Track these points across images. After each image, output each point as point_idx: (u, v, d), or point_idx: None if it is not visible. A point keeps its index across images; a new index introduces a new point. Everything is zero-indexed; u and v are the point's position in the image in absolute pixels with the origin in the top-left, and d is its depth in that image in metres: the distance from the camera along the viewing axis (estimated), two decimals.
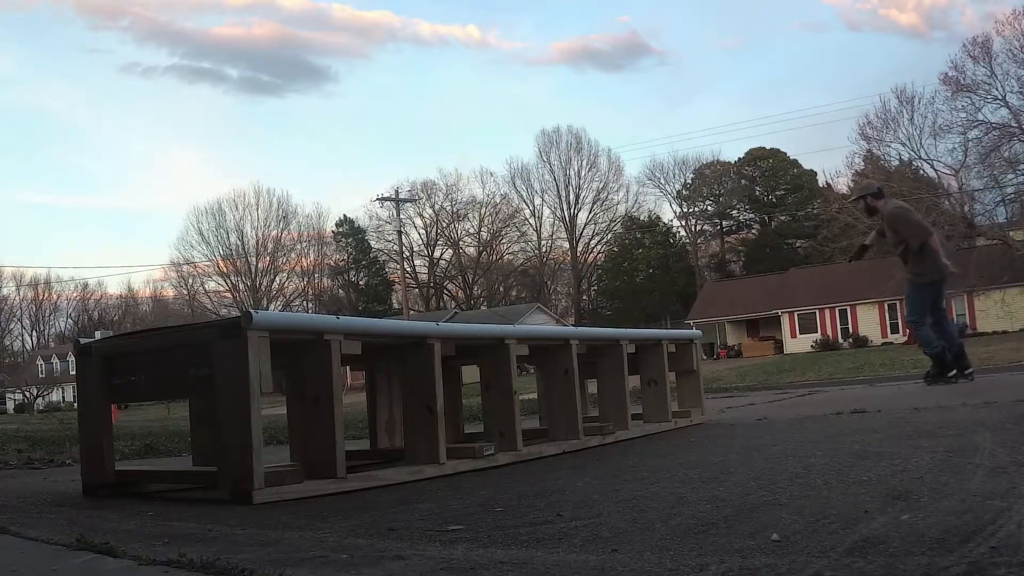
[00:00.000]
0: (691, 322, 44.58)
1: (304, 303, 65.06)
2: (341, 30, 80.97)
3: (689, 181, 64.44)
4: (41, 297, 75.21)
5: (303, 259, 66.28)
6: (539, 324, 40.73)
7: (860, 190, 8.38)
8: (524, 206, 66.42)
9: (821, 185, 56.35)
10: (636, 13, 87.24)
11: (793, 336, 44.44)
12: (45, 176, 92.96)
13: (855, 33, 74.64)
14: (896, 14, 72.34)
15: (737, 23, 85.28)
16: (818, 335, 43.10)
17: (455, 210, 66.21)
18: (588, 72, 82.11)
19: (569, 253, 65.91)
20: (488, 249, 67.19)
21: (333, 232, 67.95)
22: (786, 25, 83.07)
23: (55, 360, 65.26)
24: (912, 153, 38.89)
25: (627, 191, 65.12)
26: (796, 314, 44.79)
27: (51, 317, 76.68)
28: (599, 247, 66.30)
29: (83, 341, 3.83)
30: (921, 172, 39.45)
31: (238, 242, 64.10)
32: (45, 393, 60.65)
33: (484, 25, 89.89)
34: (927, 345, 7.34)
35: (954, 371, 7.29)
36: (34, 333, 77.67)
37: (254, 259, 63.83)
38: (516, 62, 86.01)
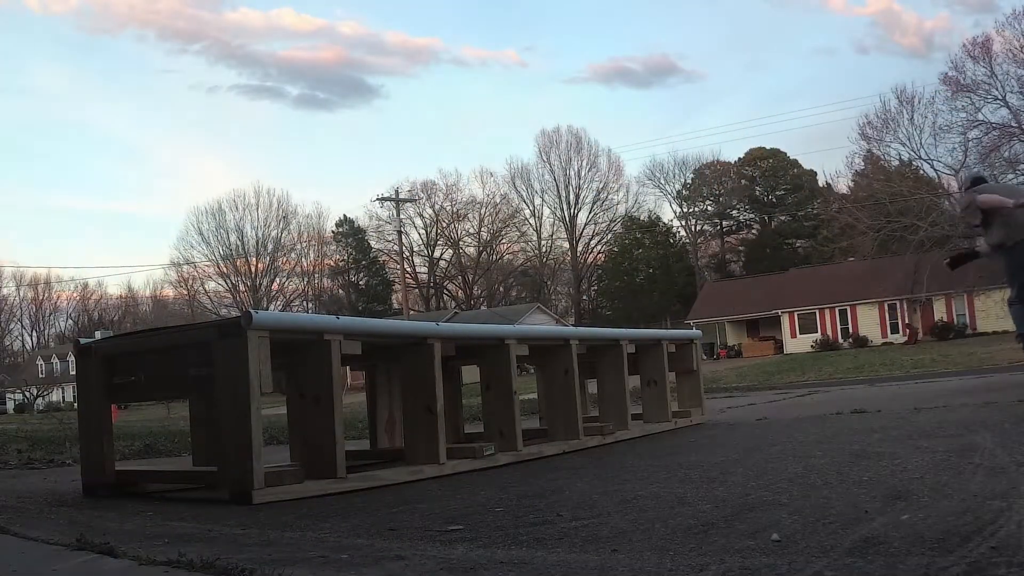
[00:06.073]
0: (691, 322, 44.53)
1: (304, 303, 64.96)
2: (393, 54, 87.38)
3: (689, 181, 64.39)
4: (41, 297, 75.17)
5: (303, 259, 66.24)
6: (539, 324, 40.69)
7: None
8: (524, 206, 66.38)
9: (821, 185, 56.38)
10: (668, 35, 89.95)
11: (793, 336, 44.38)
12: (46, 177, 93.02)
13: (863, 56, 75.55)
14: (900, 37, 73.50)
15: (753, 45, 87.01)
16: (818, 335, 43.04)
17: (455, 210, 66.18)
18: (619, 88, 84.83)
19: (569, 253, 65.83)
20: (488, 249, 67.12)
21: (333, 232, 67.89)
22: (797, 47, 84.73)
23: (55, 360, 65.17)
24: (912, 153, 38.87)
25: (627, 191, 65.02)
26: (796, 314, 44.73)
27: (51, 317, 76.60)
28: (599, 247, 66.24)
29: (83, 341, 3.83)
30: (921, 172, 39.43)
31: (238, 242, 64.05)
32: (45, 393, 60.57)
33: (522, 50, 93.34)
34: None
35: None
36: (34, 333, 77.62)
37: (254, 259, 63.78)
38: (553, 81, 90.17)
